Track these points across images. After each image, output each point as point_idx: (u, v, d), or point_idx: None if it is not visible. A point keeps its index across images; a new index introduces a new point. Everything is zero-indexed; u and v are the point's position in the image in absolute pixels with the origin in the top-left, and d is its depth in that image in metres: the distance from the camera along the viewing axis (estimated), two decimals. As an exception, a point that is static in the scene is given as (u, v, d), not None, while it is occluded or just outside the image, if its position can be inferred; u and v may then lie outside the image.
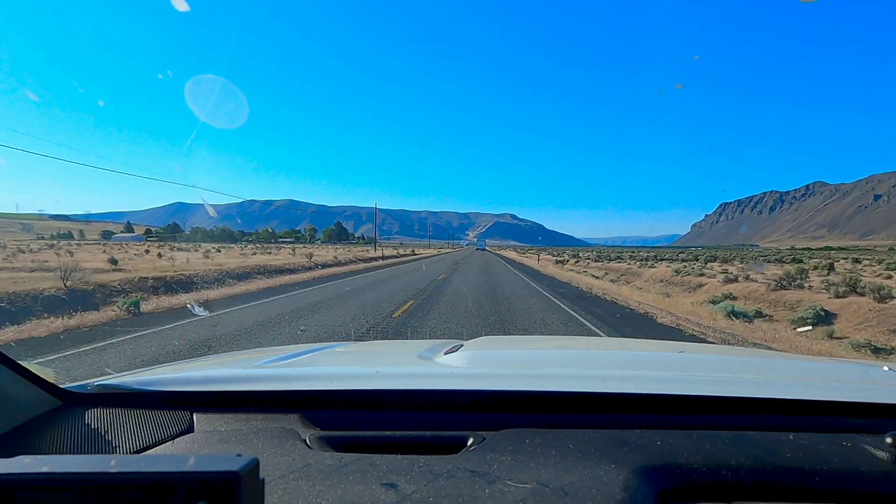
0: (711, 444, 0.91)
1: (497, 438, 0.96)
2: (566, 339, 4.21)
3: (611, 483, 0.78)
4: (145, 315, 11.01)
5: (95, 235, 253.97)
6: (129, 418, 1.10)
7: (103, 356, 6.96)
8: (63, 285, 12.70)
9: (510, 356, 1.86)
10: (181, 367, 1.54)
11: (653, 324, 10.92)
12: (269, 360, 1.54)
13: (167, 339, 8.26)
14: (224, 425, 1.09)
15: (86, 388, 1.17)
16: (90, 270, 16.48)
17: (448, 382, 1.20)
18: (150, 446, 1.03)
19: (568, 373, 1.33)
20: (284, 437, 0.99)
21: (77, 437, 1.04)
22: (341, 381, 1.21)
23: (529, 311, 11.85)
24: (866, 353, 9.14)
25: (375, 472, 0.82)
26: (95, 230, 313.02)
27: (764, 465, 0.84)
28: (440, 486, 0.77)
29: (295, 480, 0.80)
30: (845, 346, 9.47)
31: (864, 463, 0.85)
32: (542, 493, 0.75)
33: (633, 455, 0.87)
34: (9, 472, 0.47)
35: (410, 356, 1.74)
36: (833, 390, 1.13)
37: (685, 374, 1.36)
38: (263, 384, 1.19)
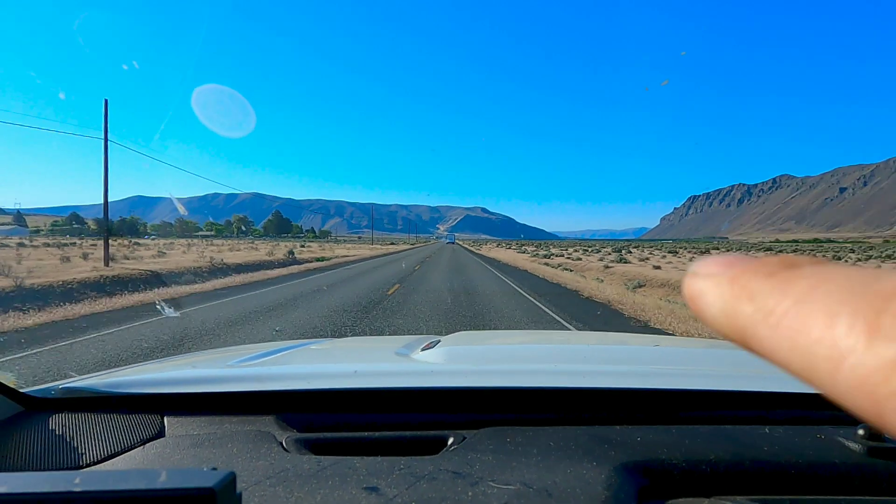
0: (690, 439, 0.91)
1: (478, 437, 0.95)
2: (543, 334, 4.17)
3: (593, 481, 0.78)
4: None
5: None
6: (96, 423, 1.05)
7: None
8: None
9: (488, 352, 1.86)
10: (150, 368, 1.49)
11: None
12: (242, 359, 1.51)
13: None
14: (197, 429, 1.05)
15: (49, 392, 1.12)
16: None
17: (427, 380, 1.18)
18: (119, 453, 0.98)
19: (547, 368, 1.33)
20: (260, 440, 0.96)
21: (40, 445, 0.99)
22: (318, 380, 1.18)
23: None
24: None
25: (355, 476, 0.80)
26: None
27: (742, 458, 0.85)
28: (422, 489, 0.76)
29: (272, 486, 0.77)
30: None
31: (838, 455, 0.86)
32: (526, 494, 0.74)
33: (614, 452, 0.87)
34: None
35: (387, 353, 1.71)
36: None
37: (663, 369, 1.37)
38: (237, 385, 1.16)
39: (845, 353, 0.16)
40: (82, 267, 17.53)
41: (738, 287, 0.21)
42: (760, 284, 0.20)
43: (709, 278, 0.23)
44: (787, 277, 0.20)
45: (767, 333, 0.19)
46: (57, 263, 19.57)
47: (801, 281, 0.19)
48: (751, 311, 0.20)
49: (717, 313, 0.22)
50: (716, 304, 0.22)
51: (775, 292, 0.20)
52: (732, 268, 0.22)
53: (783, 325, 0.19)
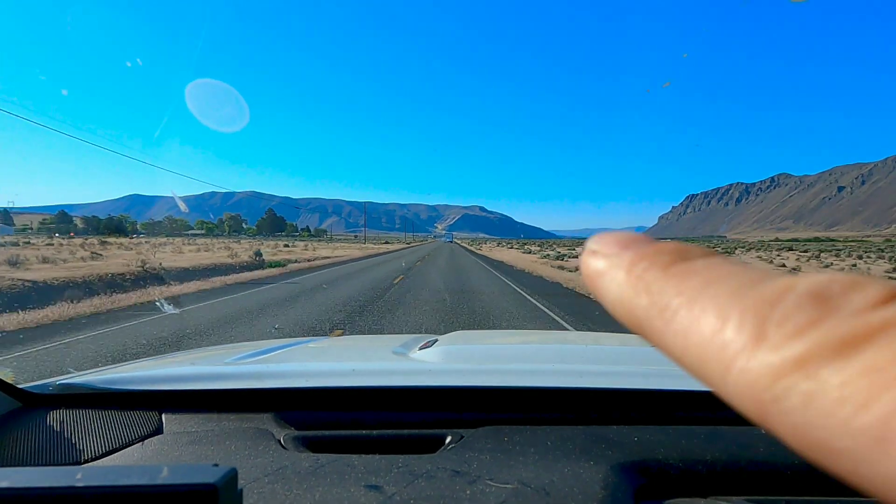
0: (687, 440, 0.91)
1: (476, 436, 0.95)
2: (540, 334, 4.21)
3: (591, 481, 0.78)
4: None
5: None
6: (94, 420, 1.05)
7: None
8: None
9: (485, 351, 1.85)
10: (148, 365, 1.48)
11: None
12: (240, 356, 1.50)
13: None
14: (195, 426, 1.05)
15: (47, 388, 1.12)
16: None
17: (425, 379, 1.18)
18: (117, 449, 0.98)
19: (545, 368, 1.33)
20: (258, 437, 0.96)
21: (38, 441, 0.99)
22: (316, 378, 1.18)
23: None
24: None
25: (353, 474, 0.80)
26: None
27: (738, 459, 0.86)
28: (420, 488, 0.76)
29: (270, 483, 0.77)
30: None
31: None
32: (524, 493, 0.74)
33: (612, 451, 0.87)
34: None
35: (385, 352, 1.72)
36: None
37: (661, 369, 1.40)
38: (235, 382, 1.16)
39: (733, 357, 0.16)
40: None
41: (635, 277, 0.21)
42: (655, 277, 0.20)
43: (606, 259, 0.23)
44: (681, 272, 0.20)
45: (661, 328, 0.19)
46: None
47: (695, 277, 0.19)
48: (646, 304, 0.20)
49: (615, 300, 0.22)
50: (613, 292, 0.22)
51: (669, 287, 0.20)
52: (628, 250, 0.22)
53: (676, 321, 0.19)
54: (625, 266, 0.22)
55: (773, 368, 0.15)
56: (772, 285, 0.17)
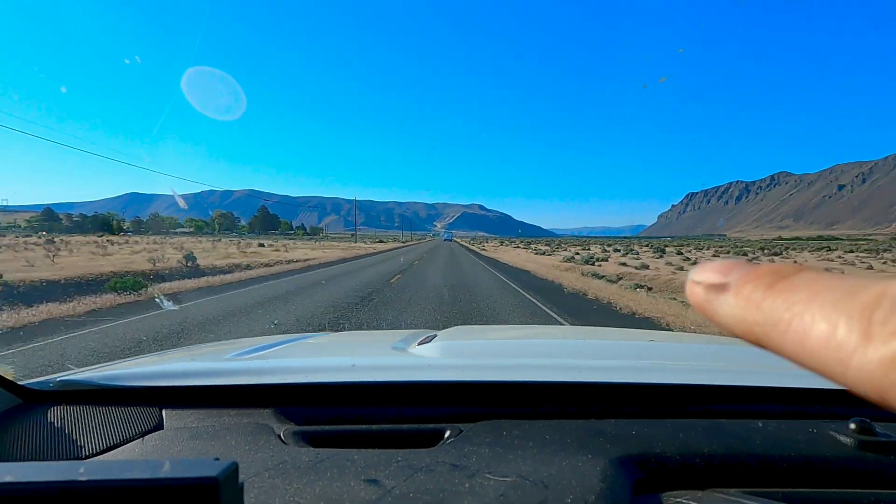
0: (685, 433, 0.92)
1: (475, 430, 0.95)
2: (539, 329, 4.19)
3: (588, 474, 0.78)
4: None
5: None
6: (94, 416, 1.05)
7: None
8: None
9: (484, 346, 1.86)
10: (148, 361, 1.48)
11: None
12: (240, 352, 1.51)
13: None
14: (195, 421, 1.05)
15: (47, 384, 1.12)
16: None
17: (424, 374, 1.19)
18: (118, 445, 0.99)
19: (544, 363, 1.34)
20: (258, 432, 0.97)
21: (39, 437, 1.00)
22: (316, 374, 1.19)
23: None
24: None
25: (353, 468, 0.80)
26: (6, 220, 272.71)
27: (735, 451, 0.86)
28: (420, 481, 0.76)
29: (271, 478, 0.77)
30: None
31: (830, 448, 0.87)
32: (523, 486, 0.75)
33: (610, 445, 0.87)
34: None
35: (384, 347, 1.73)
36: (801, 377, 1.14)
37: (658, 363, 1.37)
38: (235, 378, 1.16)
39: (850, 355, 0.19)
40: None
41: (744, 298, 0.24)
42: (763, 296, 0.23)
43: (712, 289, 0.26)
44: (785, 288, 0.23)
45: (779, 339, 0.22)
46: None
47: (799, 292, 0.22)
48: (761, 320, 0.23)
49: (730, 321, 0.25)
50: (727, 314, 0.25)
51: (779, 303, 0.23)
52: (730, 276, 0.25)
53: (791, 331, 0.22)
54: (733, 291, 0.25)
55: (885, 360, 0.19)
56: (867, 292, 0.20)
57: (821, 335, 0.21)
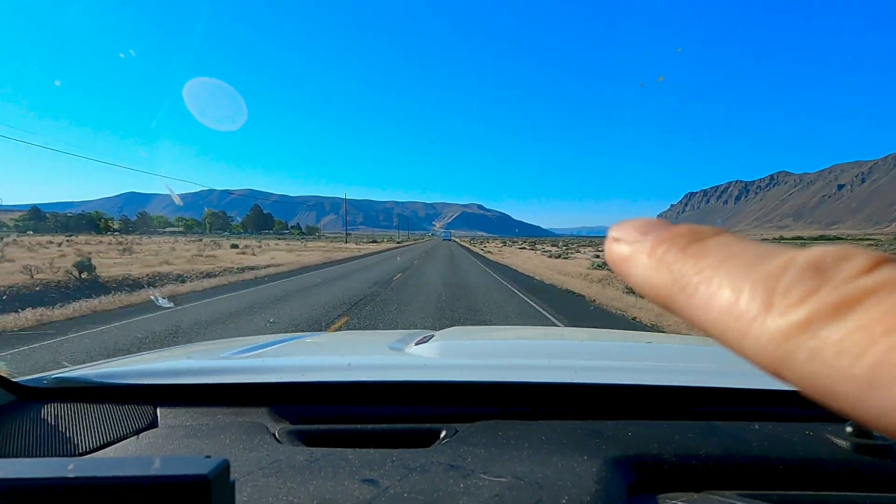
0: (681, 435, 0.91)
1: (470, 430, 0.95)
2: (536, 330, 4.23)
3: (584, 475, 0.78)
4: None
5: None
6: (89, 413, 1.04)
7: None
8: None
9: (481, 347, 1.85)
10: (144, 359, 1.47)
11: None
12: (236, 351, 1.50)
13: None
14: (190, 419, 1.04)
15: (41, 381, 1.11)
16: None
17: (421, 374, 1.18)
18: (112, 442, 0.98)
19: (541, 363, 1.33)
20: (253, 431, 0.96)
21: (33, 434, 0.99)
22: (312, 373, 1.18)
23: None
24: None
25: (348, 467, 0.80)
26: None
27: (732, 453, 0.86)
28: (414, 481, 0.75)
29: (265, 477, 0.77)
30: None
31: (826, 451, 0.87)
32: (518, 486, 0.75)
33: (606, 446, 0.87)
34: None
35: (381, 347, 1.73)
36: None
37: (655, 365, 1.37)
38: (231, 377, 1.15)
39: (748, 324, 0.19)
40: None
41: (656, 260, 0.24)
42: (675, 257, 0.23)
43: (629, 245, 0.26)
44: (697, 252, 0.23)
45: (684, 303, 0.22)
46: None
47: (709, 256, 0.22)
48: (669, 282, 0.23)
49: (642, 282, 0.24)
50: (639, 274, 0.25)
51: (688, 267, 0.22)
52: (648, 235, 0.25)
53: (697, 296, 0.21)
54: (647, 251, 0.24)
55: (781, 331, 0.18)
56: (776, 260, 0.20)
57: (724, 302, 0.20)
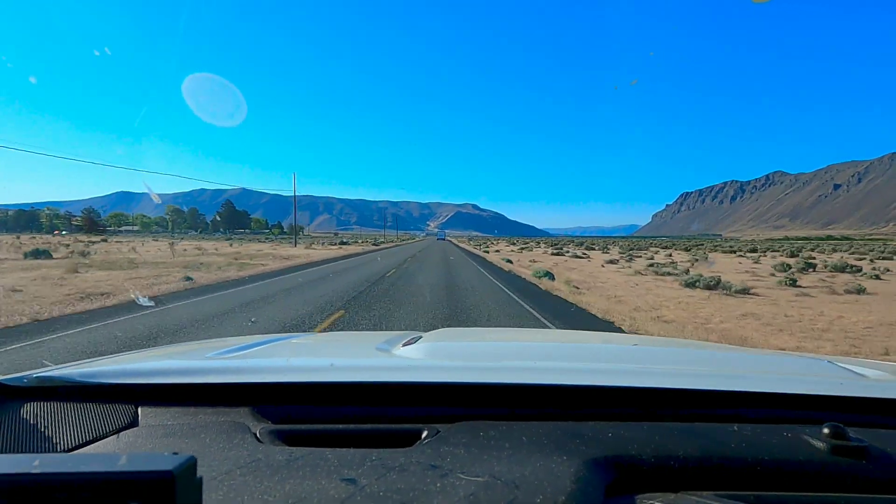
0: (661, 436, 0.92)
1: (452, 431, 0.95)
2: (524, 332, 4.24)
3: (561, 475, 0.78)
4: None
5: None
6: (69, 412, 1.05)
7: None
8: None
9: (468, 348, 1.85)
10: (126, 359, 1.46)
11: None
12: (220, 351, 1.50)
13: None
14: (171, 419, 1.05)
15: (22, 380, 1.10)
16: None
17: (404, 375, 1.19)
18: (91, 441, 0.98)
19: (525, 365, 1.34)
20: (234, 431, 0.96)
21: (12, 433, 0.99)
22: (294, 373, 1.19)
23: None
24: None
25: (326, 466, 0.80)
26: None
27: (710, 455, 0.87)
28: (391, 480, 0.76)
29: (242, 476, 0.77)
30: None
31: (803, 453, 0.88)
32: (494, 486, 0.75)
33: (585, 447, 0.88)
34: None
35: (368, 348, 1.73)
36: (776, 383, 1.16)
37: (638, 367, 1.39)
38: (213, 377, 1.15)
39: None
40: None
41: None
42: None
43: None
44: None
45: None
46: None
47: None
48: None
49: None
50: None
51: None
52: None
53: None
54: None
55: None
56: None
57: None
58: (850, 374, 1.35)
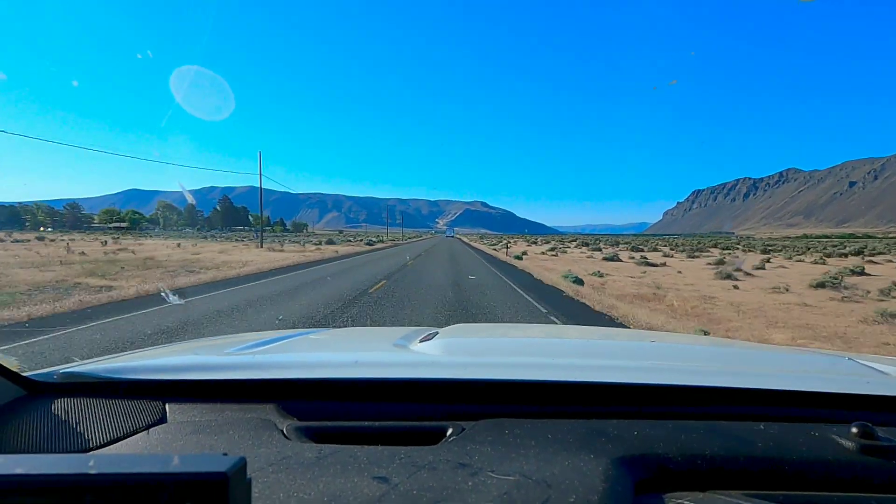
0: (686, 434, 0.92)
1: (476, 429, 0.95)
2: (540, 328, 4.22)
3: (591, 474, 0.78)
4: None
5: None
6: (98, 408, 1.06)
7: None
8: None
9: (486, 344, 1.86)
10: (151, 354, 1.48)
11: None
12: (242, 346, 1.50)
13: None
14: (198, 415, 1.05)
15: (51, 376, 1.13)
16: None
17: (427, 371, 1.18)
18: (122, 438, 0.99)
19: (545, 362, 1.34)
20: (261, 427, 0.97)
21: (44, 429, 1.00)
22: (319, 369, 1.19)
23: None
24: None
25: (356, 464, 0.80)
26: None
27: (736, 454, 0.86)
28: (423, 479, 0.76)
29: (274, 473, 0.78)
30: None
31: (831, 452, 0.87)
32: (526, 485, 0.75)
33: (611, 445, 0.87)
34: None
35: (386, 343, 1.72)
36: (802, 381, 1.14)
37: (659, 364, 1.37)
38: (238, 372, 1.16)
39: None
40: None
41: None
42: None
43: None
44: None
45: None
46: None
47: None
48: None
49: None
50: None
51: None
52: None
53: None
54: None
55: None
56: None
57: None
58: (875, 372, 1.32)
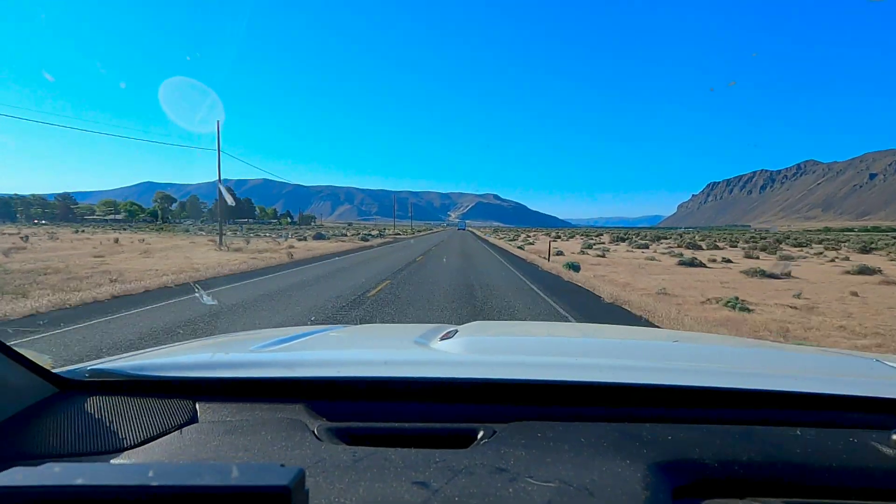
0: (721, 439, 0.89)
1: (508, 431, 0.93)
2: (560, 326, 4.13)
3: (630, 480, 0.76)
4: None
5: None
6: (129, 407, 1.05)
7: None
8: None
9: (508, 343, 1.82)
10: (177, 350, 1.46)
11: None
12: (265, 343, 1.49)
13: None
14: (229, 415, 1.04)
15: (81, 373, 1.12)
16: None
17: (455, 371, 1.15)
18: (155, 437, 0.98)
19: (573, 362, 1.31)
20: (292, 428, 0.95)
21: (78, 428, 0.99)
22: (349, 368, 1.17)
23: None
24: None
25: (392, 468, 0.79)
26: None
27: (774, 460, 0.84)
28: (462, 484, 0.74)
29: (312, 477, 0.76)
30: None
31: (871, 459, 0.84)
32: (567, 492, 0.73)
33: (646, 450, 0.85)
34: (40, 483, 0.43)
35: (407, 342, 1.69)
36: (839, 384, 1.10)
37: (687, 366, 1.34)
38: (266, 370, 1.15)
39: None
40: None
41: None
42: None
43: None
44: None
45: None
46: None
47: None
48: None
49: None
50: None
51: None
52: None
53: None
54: None
55: None
56: None
57: None
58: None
